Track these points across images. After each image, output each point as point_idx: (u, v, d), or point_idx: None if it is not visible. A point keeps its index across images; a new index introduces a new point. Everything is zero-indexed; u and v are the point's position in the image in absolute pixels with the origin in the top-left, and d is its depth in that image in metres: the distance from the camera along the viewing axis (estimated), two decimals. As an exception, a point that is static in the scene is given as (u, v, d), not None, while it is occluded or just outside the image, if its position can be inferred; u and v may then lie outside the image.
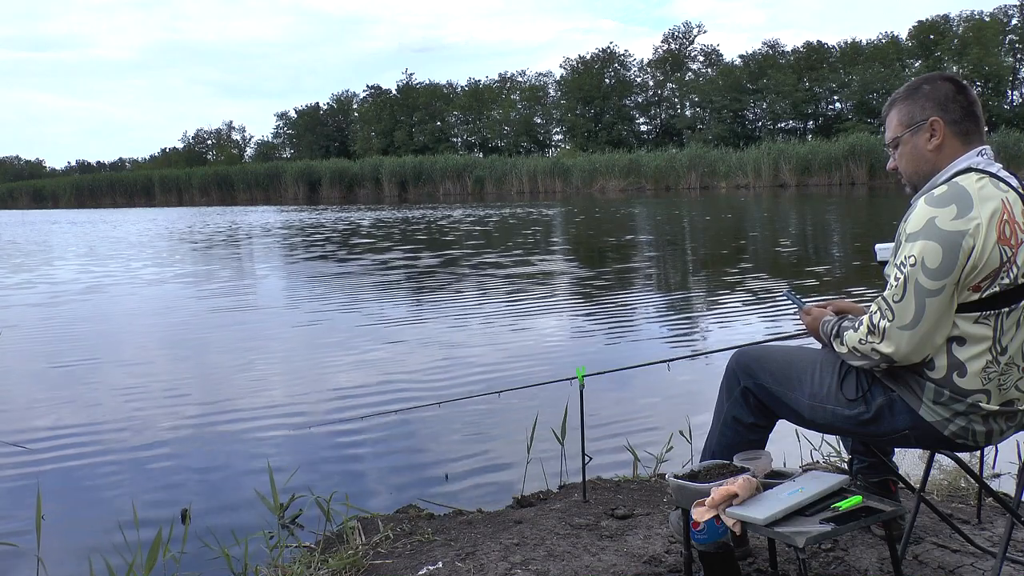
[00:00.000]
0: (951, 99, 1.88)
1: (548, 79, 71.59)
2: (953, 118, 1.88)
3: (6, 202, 68.18)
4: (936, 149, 1.89)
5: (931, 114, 1.88)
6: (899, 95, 1.97)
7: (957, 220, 1.73)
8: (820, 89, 59.88)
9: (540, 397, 4.29)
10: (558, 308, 7.64)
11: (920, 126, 1.90)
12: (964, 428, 1.83)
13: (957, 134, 1.88)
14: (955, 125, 1.88)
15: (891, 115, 1.98)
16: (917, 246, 1.75)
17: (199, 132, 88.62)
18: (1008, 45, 57.57)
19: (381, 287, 9.45)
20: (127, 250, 16.42)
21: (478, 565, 2.43)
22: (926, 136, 1.89)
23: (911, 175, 1.95)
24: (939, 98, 1.89)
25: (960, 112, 1.88)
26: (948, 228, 1.73)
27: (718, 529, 1.91)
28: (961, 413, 1.82)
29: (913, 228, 1.78)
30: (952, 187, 1.80)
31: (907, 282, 1.75)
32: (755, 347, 2.20)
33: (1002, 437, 1.88)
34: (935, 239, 1.73)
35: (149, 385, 5.17)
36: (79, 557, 2.76)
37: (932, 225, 1.75)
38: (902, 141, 1.94)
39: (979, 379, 1.80)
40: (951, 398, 1.81)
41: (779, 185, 40.23)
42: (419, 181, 51.46)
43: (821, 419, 2.01)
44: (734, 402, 2.18)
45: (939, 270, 1.73)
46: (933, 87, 1.91)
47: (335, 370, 5.40)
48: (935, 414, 1.84)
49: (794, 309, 2.17)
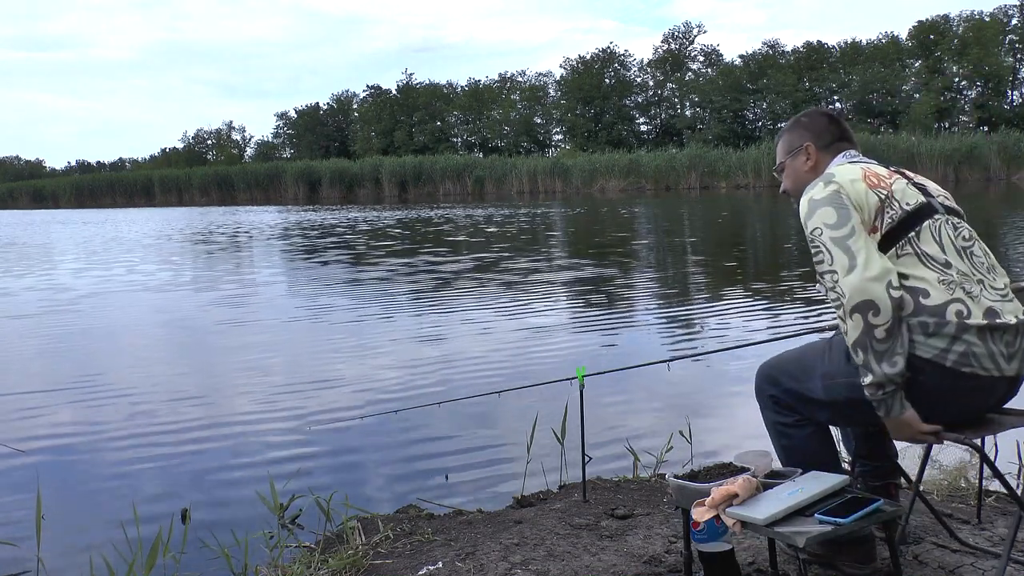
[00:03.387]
0: (824, 129, 2.24)
1: (548, 79, 71.71)
2: (824, 143, 2.23)
3: (6, 202, 68.12)
4: (811, 169, 2.23)
5: (805, 140, 2.24)
6: (785, 127, 2.33)
7: (829, 186, 2.01)
8: (820, 89, 59.91)
9: (540, 397, 4.28)
10: (558, 308, 7.64)
11: (798, 151, 2.26)
12: (964, 354, 1.86)
13: (827, 153, 2.22)
14: (825, 149, 2.22)
15: (778, 145, 2.34)
16: (814, 219, 1.98)
17: (199, 132, 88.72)
18: (1008, 45, 57.59)
19: (381, 287, 9.44)
20: (132, 250, 16.41)
21: (478, 565, 2.43)
22: (803, 159, 2.25)
23: (795, 191, 2.27)
24: (814, 128, 2.25)
25: (830, 138, 2.23)
26: (824, 194, 2.01)
27: (718, 529, 1.91)
28: (955, 337, 1.86)
29: (803, 215, 2.04)
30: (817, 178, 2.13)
31: (826, 245, 1.94)
32: (772, 358, 2.25)
33: (1011, 367, 1.88)
34: (821, 205, 1.98)
35: (149, 385, 5.17)
36: (79, 557, 2.76)
37: (813, 200, 2.01)
38: (786, 165, 2.31)
39: (944, 291, 1.89)
40: (937, 323, 1.86)
41: (779, 185, 40.02)
42: (419, 181, 51.44)
43: (837, 394, 2.02)
44: (770, 411, 2.21)
45: (839, 220, 1.95)
46: (810, 119, 2.28)
47: (335, 370, 5.39)
48: (930, 348, 1.87)
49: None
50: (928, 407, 1.91)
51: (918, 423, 1.90)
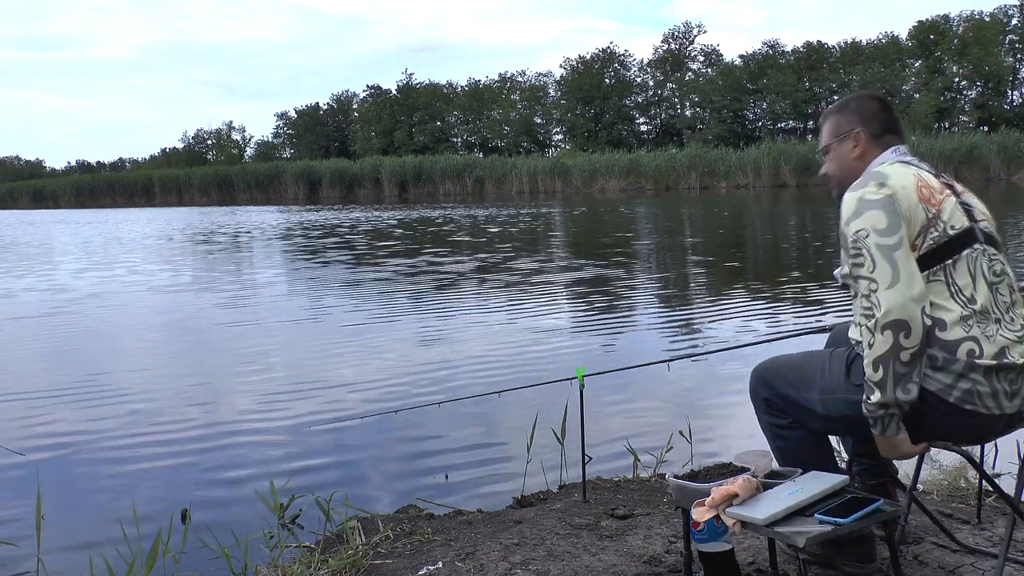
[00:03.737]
0: (874, 115, 2.13)
1: (548, 79, 71.70)
2: (873, 131, 2.12)
3: (6, 202, 68.07)
4: (859, 157, 2.13)
5: (855, 126, 2.13)
6: (832, 109, 2.22)
7: (883, 188, 1.92)
8: (820, 89, 59.88)
9: (540, 397, 4.28)
10: (558, 308, 7.64)
11: (845, 136, 2.15)
12: (968, 391, 1.84)
13: (877, 144, 2.12)
14: (875, 138, 2.12)
15: (824, 126, 2.22)
16: (861, 219, 1.90)
17: (199, 132, 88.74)
18: (1008, 45, 57.59)
19: (381, 287, 9.44)
20: (133, 251, 16.42)
21: (478, 565, 2.43)
22: (850, 145, 2.14)
23: (838, 179, 2.17)
24: (864, 114, 2.14)
25: (880, 127, 2.12)
26: (878, 196, 1.91)
27: (718, 529, 1.91)
28: (961, 375, 1.84)
29: (848, 212, 1.94)
30: (866, 175, 2.02)
31: (870, 251, 1.86)
32: (769, 359, 2.24)
33: (1012, 404, 1.88)
34: (872, 208, 1.90)
35: (149, 385, 5.17)
36: (79, 557, 2.76)
37: (864, 200, 1.92)
38: (831, 149, 2.19)
39: (960, 328, 1.85)
40: (946, 359, 1.84)
41: (779, 185, 40.24)
42: (419, 181, 51.42)
43: (834, 410, 2.02)
44: (764, 413, 2.21)
45: (889, 227, 1.87)
46: (860, 103, 2.16)
47: (335, 369, 5.39)
48: (936, 382, 1.86)
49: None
50: (925, 433, 1.92)
51: (908, 445, 1.90)
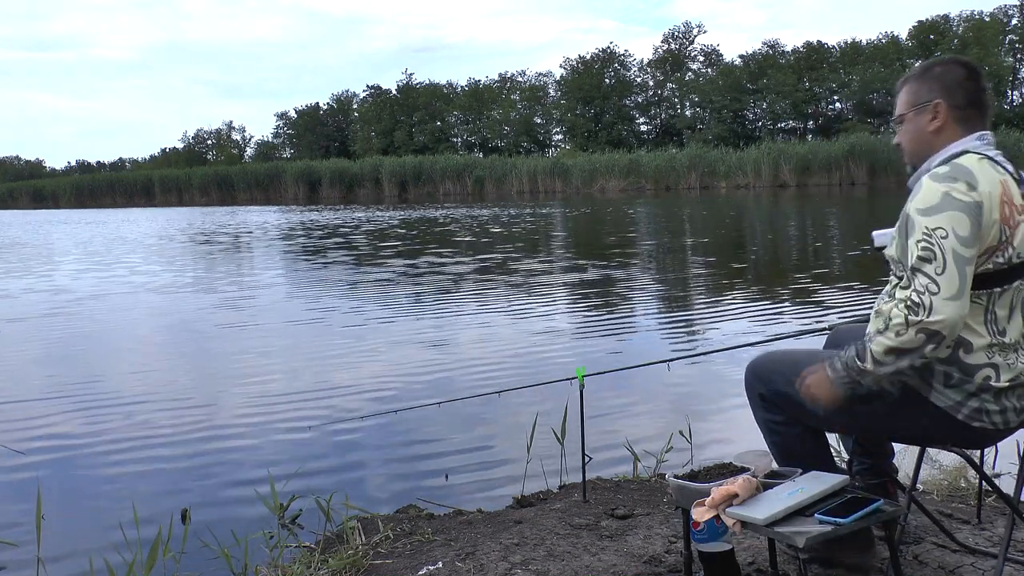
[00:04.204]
0: (959, 84, 1.91)
1: (548, 79, 71.69)
2: (956, 103, 1.90)
3: (6, 202, 68.03)
4: (936, 131, 1.92)
5: (936, 97, 1.91)
6: (912, 74, 2.00)
7: (973, 192, 1.76)
8: (820, 89, 59.88)
9: (540, 397, 4.28)
10: (558, 308, 7.63)
11: (924, 107, 1.93)
12: (977, 410, 1.83)
13: (959, 119, 1.91)
14: (957, 110, 1.90)
15: (901, 93, 2.01)
16: (943, 218, 1.74)
17: (199, 132, 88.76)
18: (1008, 45, 57.59)
19: (381, 287, 9.44)
20: (134, 251, 16.41)
21: (478, 565, 2.43)
22: (928, 117, 1.93)
23: (911, 153, 1.99)
24: (947, 82, 1.91)
25: (964, 98, 1.90)
26: (968, 199, 1.75)
27: (718, 529, 1.91)
28: (972, 394, 1.83)
29: (926, 204, 1.78)
30: (954, 167, 1.82)
31: (945, 254, 1.73)
32: (765, 354, 2.21)
33: (1018, 419, 1.88)
34: (959, 210, 1.74)
35: (150, 386, 5.17)
36: (79, 557, 2.76)
37: (950, 198, 1.76)
38: (907, 119, 1.98)
39: (984, 354, 1.82)
40: (961, 379, 1.82)
41: (779, 185, 40.23)
42: (419, 181, 51.43)
43: (830, 408, 2.00)
44: (759, 409, 2.19)
45: (970, 237, 1.74)
46: (944, 70, 1.93)
47: (335, 370, 5.39)
48: (946, 398, 1.84)
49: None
50: (929, 440, 1.93)
51: (830, 401, 1.92)
